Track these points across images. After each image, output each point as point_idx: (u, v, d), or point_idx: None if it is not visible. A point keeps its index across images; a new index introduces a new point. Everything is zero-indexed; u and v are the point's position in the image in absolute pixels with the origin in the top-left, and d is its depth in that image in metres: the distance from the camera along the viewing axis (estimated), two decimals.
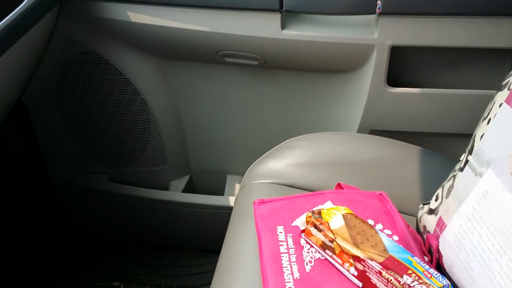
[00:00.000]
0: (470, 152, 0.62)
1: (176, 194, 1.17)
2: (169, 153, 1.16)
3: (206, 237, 1.22)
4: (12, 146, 1.17)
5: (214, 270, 0.70)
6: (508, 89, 0.59)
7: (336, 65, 0.98)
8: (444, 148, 0.99)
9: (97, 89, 1.06)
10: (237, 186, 1.20)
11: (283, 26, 0.93)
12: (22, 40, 0.83)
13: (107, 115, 1.10)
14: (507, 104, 0.57)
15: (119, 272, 1.23)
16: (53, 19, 0.97)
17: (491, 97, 0.64)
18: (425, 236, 0.66)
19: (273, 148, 0.89)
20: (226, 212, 1.14)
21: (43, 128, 1.14)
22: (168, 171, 1.19)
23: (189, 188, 1.23)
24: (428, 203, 0.69)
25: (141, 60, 1.04)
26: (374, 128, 1.00)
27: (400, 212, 0.70)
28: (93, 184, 1.19)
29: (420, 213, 0.71)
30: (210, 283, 0.68)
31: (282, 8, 0.90)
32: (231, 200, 1.14)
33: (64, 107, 1.10)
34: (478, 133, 0.62)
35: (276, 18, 0.92)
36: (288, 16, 0.94)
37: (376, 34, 0.90)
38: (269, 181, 0.80)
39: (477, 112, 0.73)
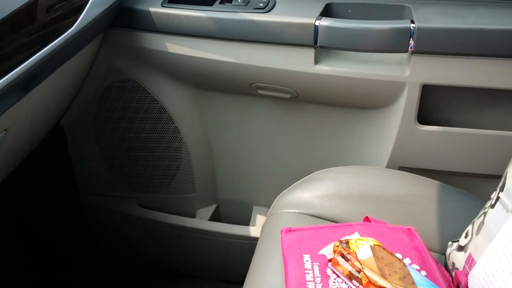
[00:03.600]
0: (502, 189, 0.62)
1: (202, 222, 1.18)
2: (198, 182, 1.18)
3: (230, 267, 1.21)
4: (48, 168, 1.21)
5: None
6: None
7: (367, 101, 0.99)
8: (474, 188, 0.98)
9: (133, 116, 1.09)
10: (263, 217, 1.21)
11: (316, 61, 0.95)
12: (67, 65, 0.86)
13: (141, 142, 1.12)
14: None
15: None
16: (97, 47, 1.02)
17: None
18: (453, 273, 0.66)
19: (302, 179, 0.90)
20: (251, 243, 1.13)
21: (78, 152, 1.18)
22: (195, 199, 1.20)
23: (215, 218, 1.24)
24: (457, 240, 0.69)
25: (177, 89, 1.07)
26: (403, 165, 1.00)
27: (428, 249, 0.70)
28: (122, 209, 1.21)
29: (449, 250, 0.70)
30: None
31: (317, 44, 0.92)
32: (257, 231, 1.14)
33: (100, 132, 1.13)
34: (510, 170, 0.62)
35: (310, 53, 0.94)
36: (322, 51, 0.96)
37: (407, 72, 0.91)
38: (297, 211, 0.81)
39: (508, 154, 0.73)
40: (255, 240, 1.10)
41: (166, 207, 1.21)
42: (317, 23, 0.91)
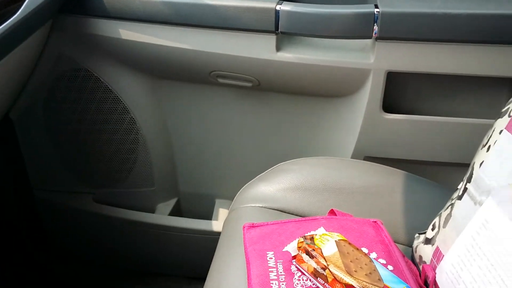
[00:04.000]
0: (469, 180, 0.60)
1: (162, 217, 1.14)
2: (157, 175, 1.13)
3: (193, 263, 1.18)
4: None
5: None
6: (509, 116, 0.57)
7: (331, 89, 0.97)
8: (440, 177, 0.97)
9: (86, 107, 1.04)
10: (226, 211, 1.17)
11: (278, 48, 0.92)
12: (13, 54, 0.81)
13: (95, 134, 1.07)
14: (508, 131, 0.56)
15: None
16: (46, 35, 0.96)
17: (488, 127, 0.62)
18: (421, 267, 0.64)
19: (265, 172, 0.86)
20: (214, 238, 1.10)
21: (28, 145, 1.11)
22: (155, 193, 1.16)
23: (176, 212, 1.20)
24: (424, 233, 0.67)
25: (132, 78, 1.02)
26: (368, 155, 0.98)
27: (394, 241, 0.68)
28: (77, 205, 1.15)
29: (415, 242, 0.68)
30: None
31: (278, 30, 0.90)
32: (220, 225, 1.11)
33: (52, 124, 1.07)
34: (477, 160, 0.60)
35: (272, 39, 0.91)
36: (284, 38, 0.93)
37: (372, 59, 0.89)
38: (260, 205, 0.77)
39: (473, 141, 0.72)
40: (217, 234, 1.06)
41: (124, 202, 1.16)
42: (278, 7, 0.88)
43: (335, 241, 0.60)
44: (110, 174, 1.13)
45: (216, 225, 1.11)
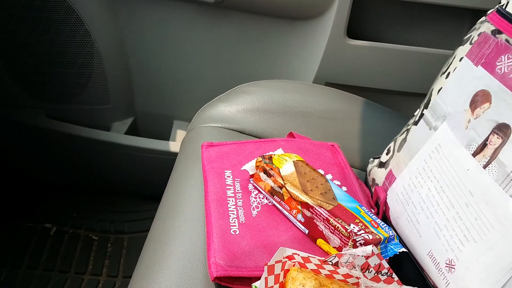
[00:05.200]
0: (426, 106, 0.61)
1: (117, 135, 1.11)
2: (113, 92, 1.09)
3: (148, 183, 1.17)
4: None
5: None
6: (470, 43, 0.57)
7: (295, 10, 0.94)
8: (398, 106, 0.99)
9: (36, 16, 0.96)
10: (184, 132, 1.16)
11: None
12: None
13: (46, 45, 1.00)
14: (468, 58, 0.56)
15: (52, 214, 1.17)
16: None
17: (448, 57, 0.62)
18: (373, 189, 0.66)
19: (225, 93, 0.85)
20: (171, 158, 1.09)
21: None
22: (110, 111, 1.12)
23: (133, 132, 1.17)
24: (379, 157, 0.69)
25: None
26: (330, 81, 0.98)
27: (350, 165, 0.69)
28: (28, 120, 1.10)
29: (370, 166, 0.70)
30: (149, 230, 0.65)
31: None
32: (177, 146, 1.10)
33: None
34: (435, 87, 0.61)
35: None
36: None
37: None
38: (219, 125, 0.77)
39: (434, 72, 0.72)
40: (174, 155, 1.05)
41: (78, 119, 1.12)
42: None
43: (293, 161, 0.61)
44: (64, 88, 1.07)
45: (173, 146, 1.10)
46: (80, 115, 1.12)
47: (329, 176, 0.66)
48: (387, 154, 0.66)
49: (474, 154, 0.50)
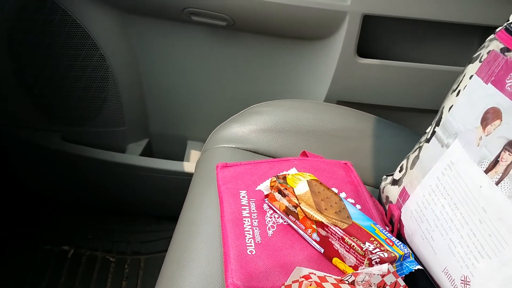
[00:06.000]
0: (438, 124, 0.61)
1: (132, 157, 1.13)
2: (128, 114, 1.11)
3: (164, 203, 1.19)
4: None
5: (171, 237, 0.67)
6: (480, 61, 0.58)
7: (306, 31, 0.95)
8: (410, 123, 0.99)
9: (52, 42, 0.99)
10: (198, 153, 1.18)
11: None
12: None
13: (62, 70, 1.03)
14: (478, 76, 0.57)
15: (70, 236, 1.18)
16: None
17: (459, 74, 0.63)
18: (387, 207, 0.66)
19: (238, 113, 0.86)
20: (185, 179, 1.11)
21: None
22: (125, 133, 1.14)
23: (147, 153, 1.19)
24: (392, 174, 0.69)
25: (102, 12, 0.98)
26: (341, 99, 0.99)
27: (363, 183, 0.70)
28: (44, 142, 1.13)
29: (383, 184, 0.70)
30: (166, 251, 0.66)
31: None
32: (191, 166, 1.12)
33: (16, 57, 1.02)
34: (446, 104, 0.62)
35: None
36: None
37: (349, 1, 0.88)
38: (233, 146, 0.78)
39: (445, 88, 0.73)
40: (189, 176, 1.07)
41: (94, 141, 1.14)
42: None
43: (307, 180, 0.62)
44: (80, 112, 1.10)
45: (187, 166, 1.12)
46: (96, 137, 1.14)
47: (343, 195, 0.66)
48: (400, 171, 0.67)
49: (487, 171, 0.50)
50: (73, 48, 1.00)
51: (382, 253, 0.52)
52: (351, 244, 0.53)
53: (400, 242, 0.55)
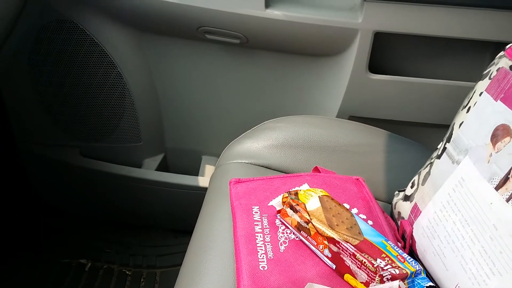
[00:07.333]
0: (448, 140, 0.62)
1: (149, 172, 1.15)
2: (144, 130, 1.13)
3: (179, 217, 1.20)
4: None
5: (186, 251, 0.68)
6: (489, 78, 0.59)
7: (318, 48, 0.97)
8: (422, 138, 1.00)
9: (71, 60, 1.02)
10: (212, 167, 1.19)
11: (267, 5, 0.91)
12: None
13: (81, 87, 1.06)
14: (487, 93, 0.57)
15: (86, 249, 1.20)
16: None
17: (470, 89, 0.64)
18: (399, 223, 0.67)
19: (251, 129, 0.88)
20: (199, 193, 1.12)
21: (13, 98, 1.10)
22: (141, 148, 1.16)
23: (163, 168, 1.21)
24: (404, 190, 0.69)
25: (119, 32, 1.01)
26: (353, 115, 1.00)
27: (375, 198, 0.70)
28: (63, 158, 1.15)
29: (395, 199, 0.71)
30: (181, 264, 0.67)
31: None
32: (205, 181, 1.13)
33: (36, 76, 1.06)
34: (457, 121, 0.62)
35: None
36: None
37: (360, 18, 0.89)
38: (246, 161, 0.79)
39: (456, 104, 0.73)
40: (203, 190, 1.08)
41: (111, 157, 1.17)
42: None
43: (319, 196, 0.63)
44: (97, 128, 1.13)
45: (202, 181, 1.13)
46: (113, 153, 1.16)
47: (354, 210, 0.67)
48: (411, 187, 0.67)
49: (497, 188, 0.50)
50: (91, 67, 1.03)
51: (394, 270, 0.52)
52: (362, 260, 0.53)
53: (412, 259, 0.55)
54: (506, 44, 0.59)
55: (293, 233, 0.62)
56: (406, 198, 0.67)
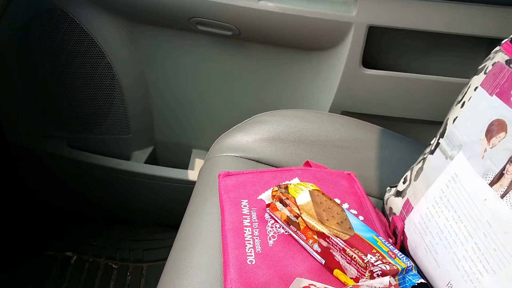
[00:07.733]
0: (442, 135, 0.61)
1: (137, 164, 1.13)
2: (133, 122, 1.11)
3: (167, 211, 1.18)
4: None
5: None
6: (485, 73, 0.58)
7: (312, 42, 0.96)
8: (415, 134, 0.99)
9: (61, 49, 1.00)
10: (202, 161, 1.17)
11: None
12: None
13: (69, 77, 1.04)
14: (483, 87, 0.56)
15: (73, 242, 1.18)
16: None
17: (464, 85, 0.63)
18: (390, 218, 0.66)
19: (242, 122, 0.86)
20: (189, 187, 1.11)
21: (0, 87, 1.07)
22: (130, 141, 1.15)
23: (152, 160, 1.19)
24: (396, 186, 0.68)
25: (109, 22, 0.99)
26: (346, 110, 0.99)
27: (367, 194, 0.69)
28: (50, 149, 1.13)
29: (387, 195, 0.70)
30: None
31: None
32: (195, 175, 1.11)
33: (25, 65, 1.03)
34: (451, 116, 0.61)
35: None
36: None
37: (354, 12, 0.88)
38: (236, 155, 0.78)
39: (449, 100, 0.72)
40: (193, 184, 1.07)
41: (99, 148, 1.15)
42: None
43: (309, 190, 0.61)
44: (85, 119, 1.10)
45: (191, 174, 1.12)
46: (101, 144, 1.14)
47: (345, 205, 0.66)
48: (404, 183, 0.66)
49: (491, 184, 0.49)
50: (80, 56, 1.01)
51: (384, 266, 0.51)
52: (352, 255, 0.52)
53: (403, 255, 0.54)
54: (500, 41, 0.58)
55: (283, 228, 0.60)
56: (398, 193, 0.66)
